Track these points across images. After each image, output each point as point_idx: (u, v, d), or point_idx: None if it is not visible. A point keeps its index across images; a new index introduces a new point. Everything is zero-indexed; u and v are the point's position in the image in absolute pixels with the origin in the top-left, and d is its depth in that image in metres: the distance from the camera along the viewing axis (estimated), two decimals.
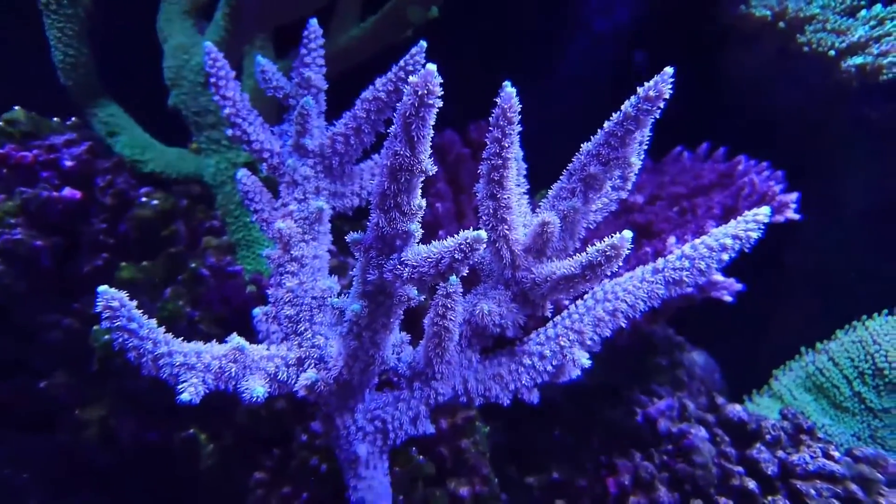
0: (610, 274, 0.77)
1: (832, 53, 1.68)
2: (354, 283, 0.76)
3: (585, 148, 0.82)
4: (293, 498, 1.02)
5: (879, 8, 1.75)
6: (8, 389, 1.19)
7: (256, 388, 0.76)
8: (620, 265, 0.77)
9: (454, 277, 0.74)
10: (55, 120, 1.34)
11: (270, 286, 0.94)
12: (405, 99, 0.61)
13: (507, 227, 0.81)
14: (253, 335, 0.96)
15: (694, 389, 1.71)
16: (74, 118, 1.40)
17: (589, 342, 0.84)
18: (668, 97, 0.75)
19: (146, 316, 0.71)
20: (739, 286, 1.25)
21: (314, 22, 0.96)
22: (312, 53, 0.97)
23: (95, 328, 1.12)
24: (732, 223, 0.82)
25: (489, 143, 0.77)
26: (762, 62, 1.94)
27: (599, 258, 0.72)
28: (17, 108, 1.28)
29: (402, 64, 0.92)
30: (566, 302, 1.16)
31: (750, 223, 0.82)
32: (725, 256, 0.81)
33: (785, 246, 1.96)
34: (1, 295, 1.11)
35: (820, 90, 1.82)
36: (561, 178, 0.86)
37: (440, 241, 0.67)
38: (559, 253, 0.87)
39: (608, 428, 1.39)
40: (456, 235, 0.65)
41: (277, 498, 1.04)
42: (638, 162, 0.84)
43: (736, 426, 1.28)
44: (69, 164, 1.20)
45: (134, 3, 1.63)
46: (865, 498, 1.14)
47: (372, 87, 0.93)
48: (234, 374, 0.76)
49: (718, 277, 1.24)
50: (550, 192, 0.87)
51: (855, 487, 1.15)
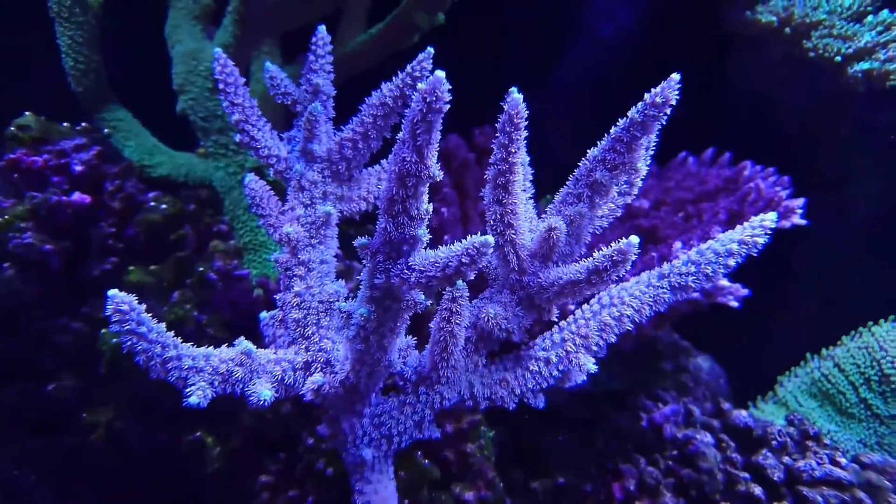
0: (616, 279, 0.77)
1: (838, 59, 1.68)
2: (362, 287, 0.77)
3: (592, 153, 0.83)
4: (299, 501, 1.03)
5: (886, 13, 1.75)
6: (16, 392, 1.20)
7: (263, 391, 0.76)
8: (628, 270, 0.77)
9: (461, 282, 0.75)
10: (65, 125, 1.36)
11: (278, 290, 0.94)
12: (413, 105, 0.61)
13: (513, 231, 0.81)
14: (260, 339, 0.96)
15: (699, 395, 1.70)
16: (84, 123, 1.41)
17: (595, 347, 0.84)
18: (674, 103, 0.76)
19: (155, 319, 0.72)
20: (745, 291, 1.25)
21: (322, 28, 0.97)
22: (321, 60, 0.97)
23: (104, 331, 1.13)
24: (739, 228, 0.82)
25: (496, 148, 0.77)
26: (768, 67, 1.94)
27: (606, 263, 0.72)
28: (27, 113, 1.29)
29: (409, 70, 0.93)
30: (572, 307, 1.16)
31: (757, 229, 0.82)
32: (732, 262, 0.81)
33: (791, 251, 1.96)
34: (11, 299, 1.12)
35: (826, 96, 1.82)
36: (567, 183, 0.87)
37: (446, 245, 0.68)
38: (565, 258, 0.87)
39: (613, 433, 1.38)
40: (461, 240, 0.66)
41: (284, 501, 1.04)
42: (644, 168, 0.84)
43: (742, 432, 1.28)
44: (79, 168, 1.21)
45: (142, 9, 1.65)
46: None
47: (379, 92, 0.94)
48: (241, 377, 0.77)
49: (724, 282, 1.24)
50: (557, 197, 0.88)
51: (862, 495, 1.14)
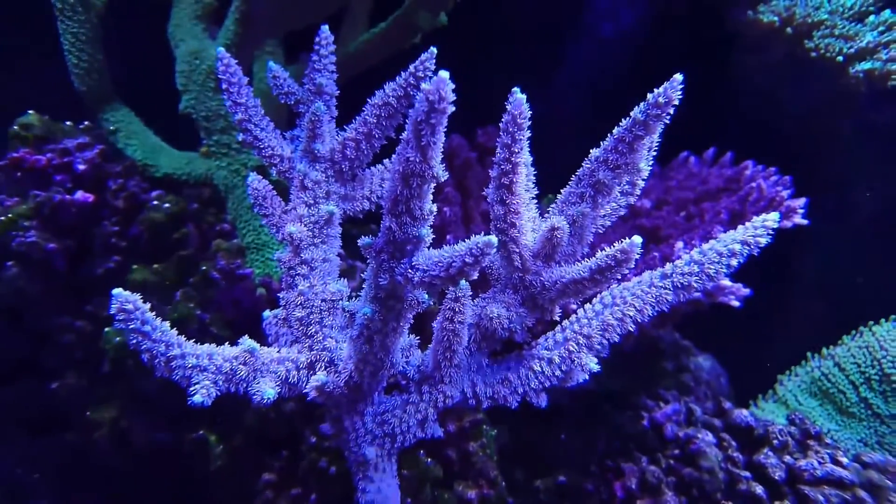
0: (619, 278, 0.77)
1: (840, 59, 1.68)
2: (365, 286, 0.77)
3: (594, 153, 0.83)
4: (302, 499, 1.03)
5: (888, 13, 1.76)
6: (19, 391, 1.21)
7: (267, 390, 0.76)
8: (630, 270, 0.77)
9: (464, 281, 0.75)
10: (68, 124, 1.36)
11: (281, 289, 0.95)
12: (417, 105, 0.61)
13: (516, 231, 0.82)
14: (263, 338, 0.97)
15: (700, 394, 1.71)
16: (87, 122, 1.41)
17: (597, 347, 0.84)
18: (677, 103, 0.76)
19: (159, 318, 0.72)
20: (747, 291, 1.25)
21: (326, 28, 0.97)
22: (324, 59, 0.98)
23: (107, 330, 1.13)
24: (741, 228, 0.82)
25: (499, 148, 0.78)
26: (770, 67, 1.94)
27: (609, 262, 0.73)
28: (31, 112, 1.29)
29: (412, 69, 0.93)
30: (574, 306, 1.16)
31: (759, 229, 0.82)
32: (734, 262, 0.82)
33: (792, 251, 1.96)
34: (15, 297, 1.13)
35: (828, 96, 1.82)
36: (570, 183, 0.87)
37: (448, 245, 0.68)
38: (568, 257, 0.88)
39: (615, 432, 1.39)
40: (463, 240, 0.66)
41: (286, 499, 1.04)
42: (647, 168, 0.84)
43: (743, 431, 1.28)
44: (82, 167, 1.21)
45: (145, 8, 1.65)
46: None
47: (382, 92, 0.94)
48: (245, 376, 0.77)
49: (726, 282, 1.25)
50: (559, 196, 0.88)
51: (864, 494, 1.15)
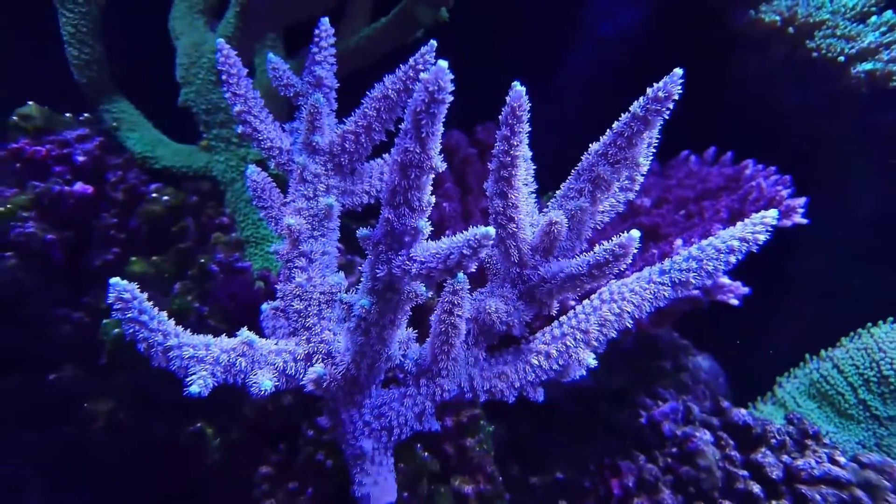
0: (617, 274, 0.77)
1: (841, 59, 1.68)
2: (363, 278, 0.77)
3: (594, 148, 0.83)
4: (299, 493, 1.03)
5: (890, 14, 1.75)
6: (16, 382, 1.20)
7: (265, 381, 0.76)
8: (628, 265, 0.77)
9: (462, 274, 0.75)
10: (68, 115, 1.36)
11: (279, 282, 0.94)
12: (416, 95, 0.61)
13: (515, 225, 0.81)
14: (261, 332, 0.96)
15: (699, 393, 1.70)
16: (87, 114, 1.41)
17: (595, 342, 0.84)
18: (676, 98, 0.76)
19: (156, 308, 0.72)
20: (746, 289, 1.25)
21: (326, 21, 0.96)
22: (324, 52, 0.97)
23: (105, 321, 1.13)
24: (740, 225, 0.82)
25: (498, 141, 0.77)
26: (771, 67, 1.93)
27: (607, 257, 0.73)
28: (30, 103, 1.29)
29: (412, 62, 0.93)
30: (572, 302, 1.16)
31: (758, 226, 0.82)
32: (733, 258, 0.81)
33: (791, 252, 1.95)
34: (12, 288, 1.12)
35: (829, 96, 1.82)
36: (569, 178, 0.87)
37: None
38: (566, 252, 0.87)
39: (612, 430, 1.39)
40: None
41: (283, 492, 1.04)
42: (646, 163, 0.84)
43: (741, 430, 1.28)
44: (81, 159, 1.21)
45: (146, 1, 1.65)
46: None
47: (382, 84, 0.93)
48: (242, 367, 0.77)
49: (725, 280, 1.24)
50: (558, 191, 0.88)
51: (861, 493, 1.14)
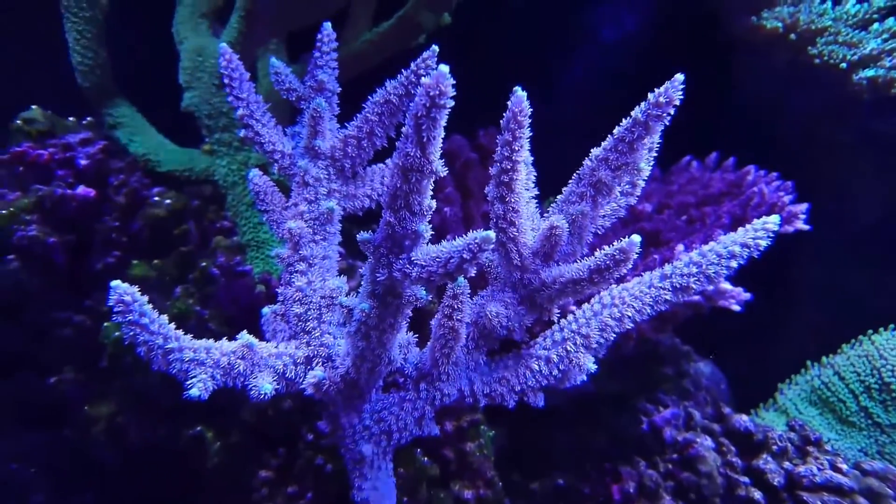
0: (618, 278, 0.77)
1: (844, 66, 1.68)
2: (363, 282, 0.77)
3: (595, 153, 0.83)
4: (298, 497, 1.03)
5: (892, 21, 1.76)
6: (17, 385, 1.21)
7: (265, 385, 0.76)
8: (629, 269, 0.77)
9: (462, 279, 0.75)
10: (71, 119, 1.36)
11: (280, 285, 0.95)
12: (417, 100, 0.61)
13: (515, 229, 0.81)
14: (261, 336, 0.96)
15: (700, 400, 1.70)
16: (90, 118, 1.42)
17: (595, 346, 0.84)
18: (678, 103, 0.76)
19: (157, 311, 0.72)
20: (747, 295, 1.25)
21: (328, 25, 0.97)
22: (325, 56, 0.98)
23: (106, 324, 1.13)
24: (741, 231, 0.82)
25: (499, 146, 0.78)
26: (773, 73, 1.94)
27: (608, 262, 0.73)
28: (34, 107, 1.30)
29: (413, 67, 0.93)
30: (573, 307, 1.16)
31: (759, 231, 0.82)
32: (734, 264, 0.82)
33: (794, 258, 1.95)
34: (14, 291, 1.13)
35: (831, 102, 1.82)
36: (570, 182, 0.87)
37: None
38: (567, 257, 0.87)
39: (613, 435, 1.38)
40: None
41: (283, 497, 1.04)
42: (647, 168, 0.84)
43: (742, 436, 1.28)
44: (84, 162, 1.21)
45: (150, 5, 1.65)
46: None
47: (383, 89, 0.94)
48: (242, 370, 0.77)
49: (726, 286, 1.24)
50: (559, 196, 0.88)
51: (863, 501, 1.14)
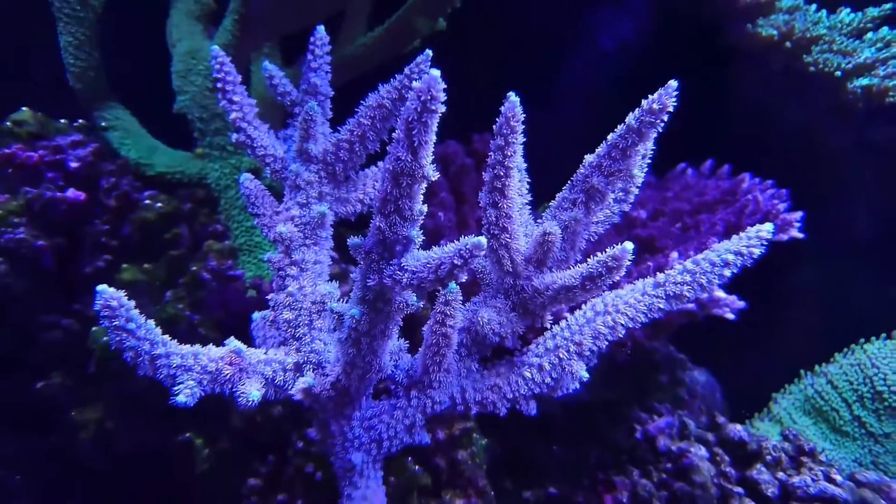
0: (611, 285, 0.76)
1: (838, 74, 1.68)
2: (354, 288, 0.76)
3: (588, 159, 0.82)
4: None
5: (886, 30, 1.76)
6: (4, 389, 1.19)
7: (252, 392, 0.75)
8: (622, 276, 0.76)
9: (454, 285, 0.74)
10: (62, 121, 1.35)
11: (271, 290, 0.94)
12: (408, 104, 0.61)
13: (508, 235, 0.81)
14: (251, 341, 0.96)
15: (695, 408, 1.69)
16: (81, 120, 1.41)
17: (588, 354, 0.83)
18: (671, 110, 0.75)
19: (144, 316, 0.71)
20: (742, 304, 1.24)
21: (321, 28, 0.96)
22: (319, 59, 0.97)
23: (94, 329, 1.12)
24: (735, 239, 0.82)
25: (492, 151, 0.77)
26: (768, 81, 1.94)
27: (600, 269, 0.72)
28: (24, 108, 1.29)
29: (407, 72, 0.93)
30: (566, 314, 1.15)
31: (752, 239, 0.82)
32: (727, 272, 0.81)
33: (788, 267, 1.95)
34: (2, 294, 1.11)
35: (826, 111, 1.82)
36: (564, 188, 0.86)
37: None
38: (560, 264, 0.87)
39: (607, 444, 1.37)
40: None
41: None
42: (640, 175, 0.84)
43: (736, 446, 1.27)
44: (74, 165, 1.20)
45: (143, 7, 1.65)
46: None
47: (376, 93, 0.93)
48: (230, 376, 0.76)
49: (720, 294, 1.24)
50: (553, 202, 0.87)
51: None
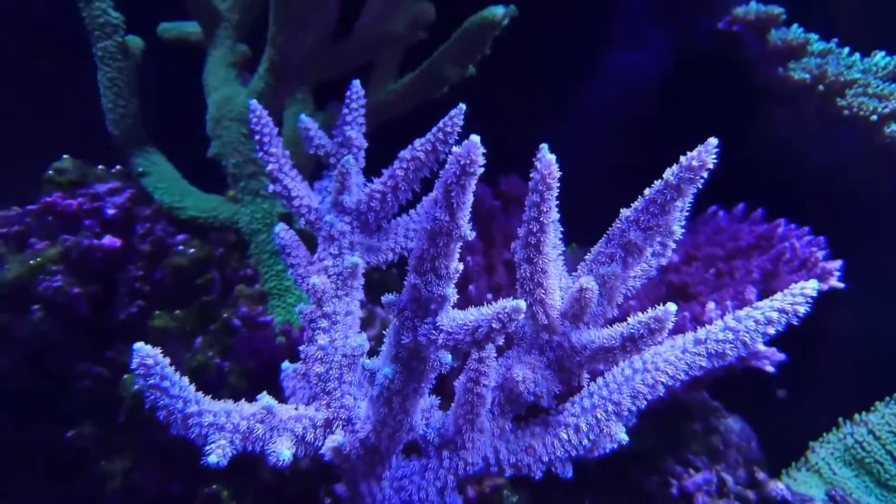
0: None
1: (874, 118, 1.66)
2: (386, 344, 0.75)
3: (625, 213, 0.82)
4: None
5: None
6: (38, 436, 1.20)
7: (283, 451, 0.74)
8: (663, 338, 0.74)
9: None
10: (100, 167, 1.39)
11: (301, 339, 0.94)
12: (448, 167, 0.61)
13: (543, 291, 0.79)
14: (281, 390, 0.95)
15: (731, 460, 1.63)
16: (119, 166, 1.44)
17: (626, 414, 0.81)
18: (711, 167, 0.74)
19: (178, 373, 0.71)
20: (782, 356, 1.21)
21: (357, 83, 0.98)
22: (354, 113, 0.99)
23: (125, 377, 1.12)
24: (779, 296, 0.80)
25: (527, 207, 0.77)
26: (801, 122, 1.92)
27: (642, 331, 0.70)
28: (66, 156, 1.32)
29: (440, 125, 0.93)
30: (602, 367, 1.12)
31: (797, 297, 0.79)
32: (771, 331, 0.79)
33: (826, 313, 1.90)
34: (38, 341, 1.13)
35: (861, 155, 1.79)
36: (600, 242, 0.85)
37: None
38: (596, 318, 0.85)
39: (642, 499, 1.32)
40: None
41: None
42: (679, 231, 0.82)
43: None
44: (111, 212, 1.23)
45: (180, 53, 1.70)
46: None
47: (410, 147, 0.94)
48: (261, 435, 0.75)
49: (760, 346, 1.20)
50: (588, 255, 0.86)
51: None
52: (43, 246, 1.16)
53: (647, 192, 0.79)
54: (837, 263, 1.32)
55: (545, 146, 0.94)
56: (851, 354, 1.99)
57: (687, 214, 0.89)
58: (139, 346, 0.68)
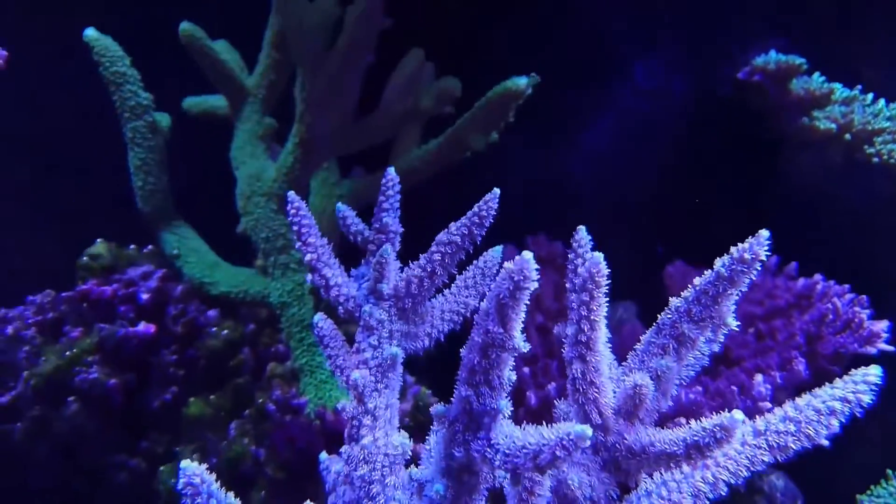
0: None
1: None
2: (435, 455, 0.73)
3: (675, 304, 0.80)
4: None
5: None
6: None
7: None
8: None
9: None
10: (132, 248, 1.39)
11: (335, 422, 0.92)
12: (499, 282, 0.60)
13: (596, 390, 0.77)
14: (318, 482, 0.92)
15: None
16: (151, 246, 1.45)
17: None
18: (763, 259, 0.73)
19: (223, 490, 0.69)
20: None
21: (392, 171, 0.98)
22: (390, 199, 0.99)
23: (162, 469, 1.10)
24: (840, 383, 0.78)
25: (575, 306, 0.75)
26: (828, 168, 1.89)
27: (707, 440, 0.67)
28: (100, 241, 1.33)
29: (476, 209, 0.93)
30: None
31: (860, 384, 0.77)
32: (835, 422, 0.77)
33: (863, 361, 1.84)
34: (73, 434, 1.12)
35: (892, 201, 1.76)
36: (649, 332, 0.83)
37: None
38: (650, 413, 0.82)
39: None
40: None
41: None
42: (734, 323, 0.80)
43: None
44: (145, 297, 1.23)
45: (205, 126, 1.72)
46: None
47: (446, 231, 0.94)
48: None
49: (824, 441, 1.16)
50: (639, 346, 0.84)
51: None
52: (78, 334, 1.16)
53: (697, 282, 0.77)
54: (884, 324, 1.27)
55: (583, 228, 0.93)
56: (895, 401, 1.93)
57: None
58: (185, 464, 0.66)
